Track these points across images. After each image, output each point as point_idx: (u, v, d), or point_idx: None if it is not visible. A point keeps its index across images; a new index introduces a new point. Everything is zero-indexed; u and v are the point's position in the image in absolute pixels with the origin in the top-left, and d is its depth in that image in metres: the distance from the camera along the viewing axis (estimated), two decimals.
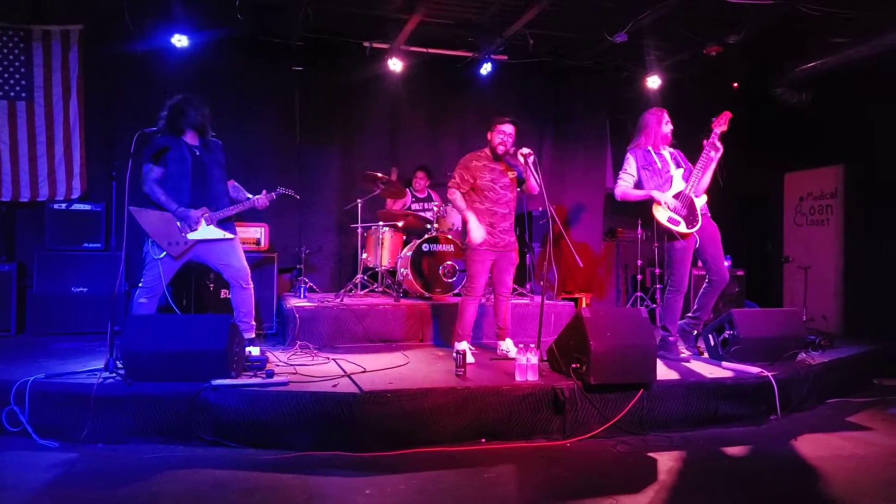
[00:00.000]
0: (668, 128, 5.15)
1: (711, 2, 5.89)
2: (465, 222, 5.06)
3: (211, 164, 4.73)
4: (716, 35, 6.73)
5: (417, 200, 7.38)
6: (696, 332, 5.38)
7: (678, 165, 5.17)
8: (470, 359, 4.91)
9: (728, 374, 4.69)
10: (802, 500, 3.29)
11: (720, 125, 4.99)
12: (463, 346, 5.00)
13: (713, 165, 5.07)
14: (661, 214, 5.03)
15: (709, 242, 5.12)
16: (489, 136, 5.06)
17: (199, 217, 4.61)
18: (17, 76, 6.44)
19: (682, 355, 5.14)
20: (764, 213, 8.63)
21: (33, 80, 6.46)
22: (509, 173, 5.10)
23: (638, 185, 5.19)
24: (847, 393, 5.35)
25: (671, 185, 5.09)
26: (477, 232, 4.95)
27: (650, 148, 5.17)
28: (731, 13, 6.15)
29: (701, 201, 5.09)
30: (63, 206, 6.33)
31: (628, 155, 5.23)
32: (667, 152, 5.21)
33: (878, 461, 3.81)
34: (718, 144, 4.99)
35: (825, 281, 7.65)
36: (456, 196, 5.07)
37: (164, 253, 4.55)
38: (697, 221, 5.03)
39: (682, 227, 5.03)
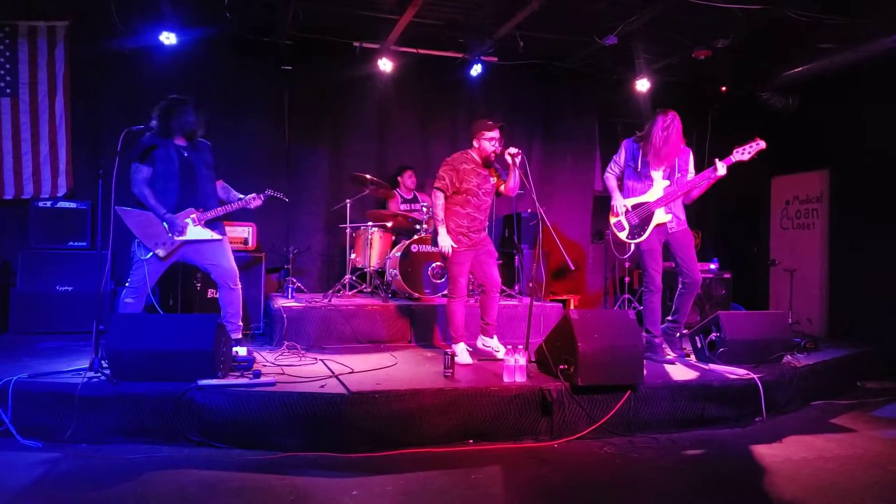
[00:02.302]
0: (663, 134, 4.97)
1: (700, 6, 5.92)
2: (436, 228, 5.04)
3: (199, 165, 4.70)
4: (704, 39, 6.77)
5: (405, 201, 7.37)
6: (678, 334, 5.41)
7: (668, 175, 5.16)
8: (467, 359, 4.92)
9: (714, 376, 4.71)
10: (787, 501, 3.31)
11: (741, 155, 4.84)
12: (460, 347, 5.00)
13: (708, 185, 5.06)
14: (612, 217, 5.26)
15: (678, 246, 5.18)
16: (477, 143, 5.00)
17: (185, 223, 4.58)
18: (2, 72, 6.37)
19: (668, 357, 5.18)
20: (751, 216, 8.68)
21: (18, 77, 6.40)
22: (492, 178, 5.10)
23: (621, 176, 5.32)
24: (831, 395, 5.40)
25: (649, 190, 5.14)
26: (444, 240, 4.93)
27: (641, 147, 5.19)
28: (720, 18, 6.19)
29: (664, 219, 5.11)
30: (48, 204, 6.27)
31: (622, 144, 5.30)
32: None
33: (861, 463, 3.84)
34: (723, 171, 4.87)
35: (811, 284, 7.71)
36: (440, 201, 4.98)
37: (151, 254, 4.53)
38: (641, 236, 5.11)
39: (622, 235, 5.19)
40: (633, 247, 5.19)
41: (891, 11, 5.93)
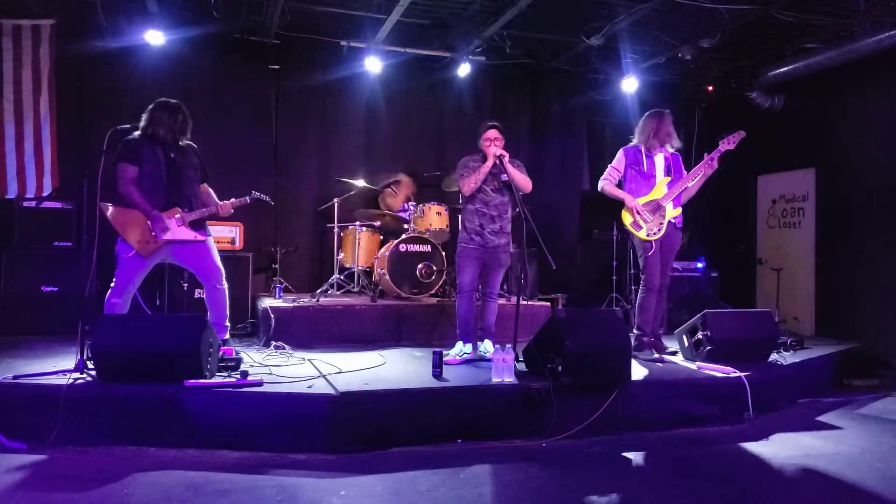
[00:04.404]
0: (667, 129, 5.25)
1: (686, 6, 5.95)
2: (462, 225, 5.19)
3: (185, 166, 4.68)
4: (690, 39, 6.80)
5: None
6: (645, 338, 5.42)
7: (668, 173, 5.26)
8: (455, 359, 4.90)
9: (701, 374, 4.74)
10: (773, 498, 3.33)
11: (728, 144, 5.10)
12: (458, 346, 5.02)
13: (702, 180, 5.20)
14: (626, 217, 5.24)
15: (668, 249, 5.30)
16: (480, 144, 5.08)
17: (169, 221, 4.55)
18: None
19: (656, 356, 5.20)
20: (737, 215, 8.73)
21: (2, 76, 6.32)
22: (501, 177, 5.12)
23: (622, 181, 5.36)
24: (818, 393, 5.44)
25: (654, 187, 5.20)
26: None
27: (643, 148, 5.29)
28: (706, 18, 6.23)
29: (674, 213, 5.20)
30: (33, 203, 6.22)
31: (620, 151, 5.39)
32: (660, 156, 5.30)
33: (847, 460, 3.87)
34: (716, 164, 5.12)
35: (797, 282, 7.76)
36: (471, 176, 5.01)
37: (135, 252, 4.49)
38: (660, 231, 5.16)
39: (641, 233, 5.19)
40: (654, 244, 5.18)
41: (875, 12, 5.98)
